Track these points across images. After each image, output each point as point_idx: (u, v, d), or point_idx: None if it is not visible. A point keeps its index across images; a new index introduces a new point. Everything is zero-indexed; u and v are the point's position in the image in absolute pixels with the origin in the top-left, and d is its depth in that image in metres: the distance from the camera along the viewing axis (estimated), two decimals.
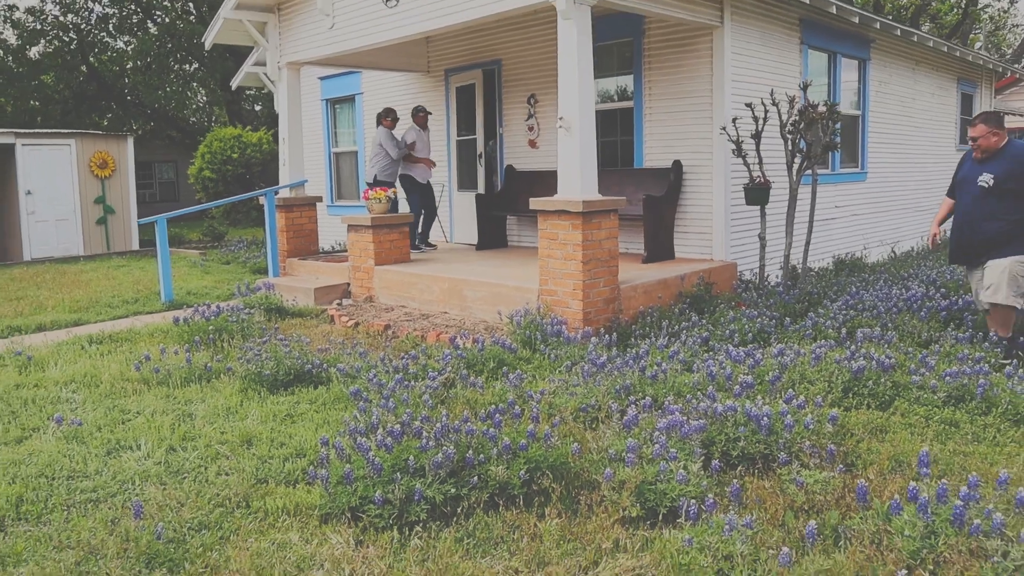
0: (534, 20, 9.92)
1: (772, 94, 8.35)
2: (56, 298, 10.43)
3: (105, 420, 5.18)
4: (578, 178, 7.13)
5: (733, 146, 8.33)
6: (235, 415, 5.24)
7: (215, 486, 4.08)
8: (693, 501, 3.36)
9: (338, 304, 9.34)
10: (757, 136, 8.36)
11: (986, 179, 6.16)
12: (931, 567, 2.98)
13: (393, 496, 3.60)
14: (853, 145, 11.71)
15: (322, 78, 14.13)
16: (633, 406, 4.54)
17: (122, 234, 17.83)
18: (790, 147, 8.42)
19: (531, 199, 7.55)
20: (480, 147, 11.63)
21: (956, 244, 6.52)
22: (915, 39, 12.10)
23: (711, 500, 3.38)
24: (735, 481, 3.65)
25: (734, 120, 8.31)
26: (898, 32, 11.40)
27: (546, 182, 9.35)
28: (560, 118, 7.15)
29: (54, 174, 16.96)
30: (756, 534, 3.22)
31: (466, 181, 12.02)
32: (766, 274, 8.76)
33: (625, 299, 7.50)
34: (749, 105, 8.24)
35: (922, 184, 13.66)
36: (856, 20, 10.09)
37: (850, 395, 5.14)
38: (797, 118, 8.34)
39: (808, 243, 8.91)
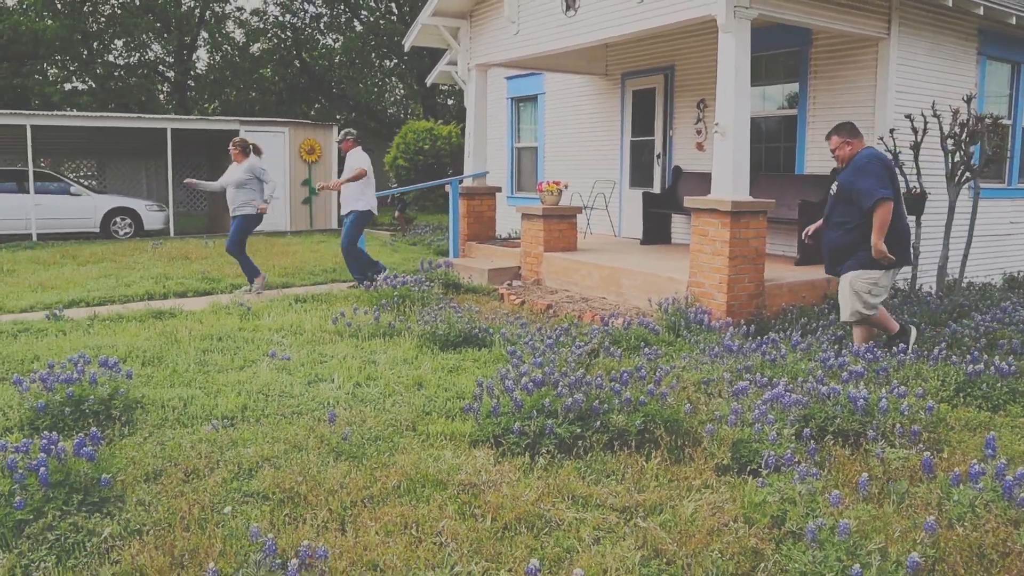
0: (705, 29, 10.43)
1: (933, 106, 8.52)
2: (267, 265, 12.06)
3: (307, 359, 6.36)
4: (730, 180, 7.68)
5: (889, 156, 8.56)
6: (410, 365, 6.27)
7: (390, 413, 5.07)
8: (773, 454, 3.96)
9: (508, 284, 10.31)
10: (916, 147, 8.55)
11: (833, 187, 6.32)
12: (970, 528, 3.45)
13: (529, 429, 4.43)
14: None
15: (508, 78, 15.20)
16: (748, 381, 5.14)
17: (323, 214, 19.78)
18: (950, 159, 8.55)
19: (686, 197, 8.16)
20: (659, 148, 12.24)
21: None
22: None
23: (789, 455, 3.97)
24: (813, 443, 4.20)
25: (891, 131, 8.54)
26: None
27: (710, 183, 9.88)
28: (716, 124, 7.73)
29: (269, 158, 19.00)
30: (825, 486, 3.79)
31: (637, 179, 12.68)
32: (919, 284, 8.92)
33: (770, 296, 7.97)
34: (908, 116, 8.46)
35: None
36: None
37: (962, 395, 5.46)
38: (959, 131, 8.47)
39: (966, 256, 8.99)
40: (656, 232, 11.75)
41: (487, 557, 3.28)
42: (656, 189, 12.22)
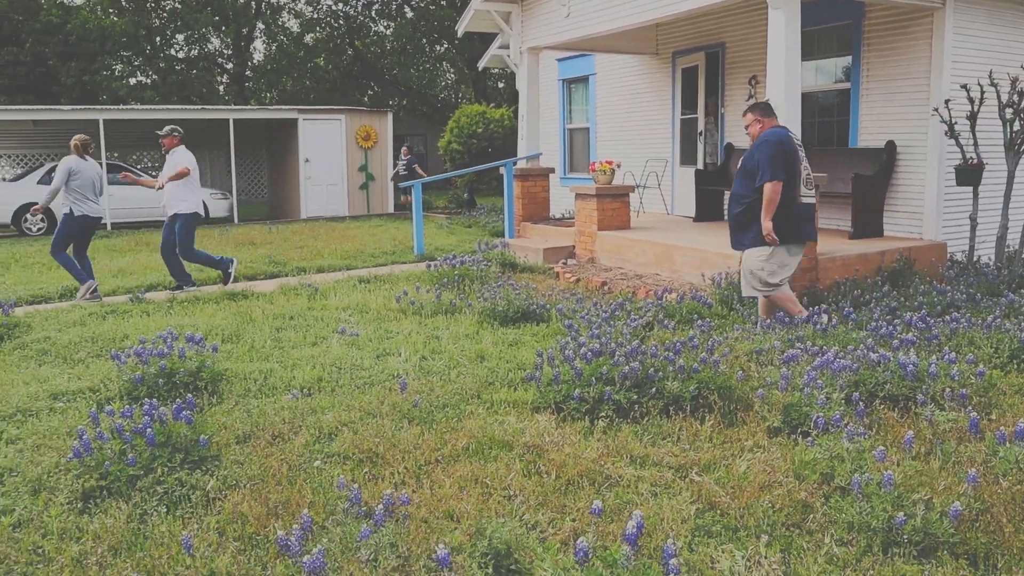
0: (756, 4, 10.47)
1: (991, 75, 8.48)
2: (330, 248, 12.51)
3: (374, 335, 6.71)
4: None
5: (946, 127, 8.55)
6: (472, 339, 6.56)
7: (455, 383, 5.36)
8: (822, 416, 4.15)
9: (563, 263, 10.55)
10: (972, 117, 8.52)
11: (740, 162, 6.58)
12: (1014, 482, 3.61)
13: (588, 395, 4.68)
14: None
15: (559, 60, 15.36)
16: (799, 350, 5.31)
17: (380, 198, 20.21)
18: (1009, 128, 8.51)
19: (736, 172, 8.28)
20: (701, 125, 12.35)
21: None
22: None
23: (838, 417, 4.15)
24: (862, 406, 4.37)
25: (947, 101, 8.52)
26: None
27: None
28: (767, 100, 7.82)
29: (327, 145, 19.50)
30: (872, 445, 3.97)
31: (688, 157, 12.78)
32: (977, 256, 8.91)
33: (822, 269, 8.06)
34: (964, 87, 8.44)
35: None
36: None
37: (1015, 361, 5.53)
38: (1017, 99, 8.42)
39: None
40: (708, 209, 11.84)
41: (552, 508, 3.55)
42: (699, 166, 12.31)
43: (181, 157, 9.45)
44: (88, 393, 5.42)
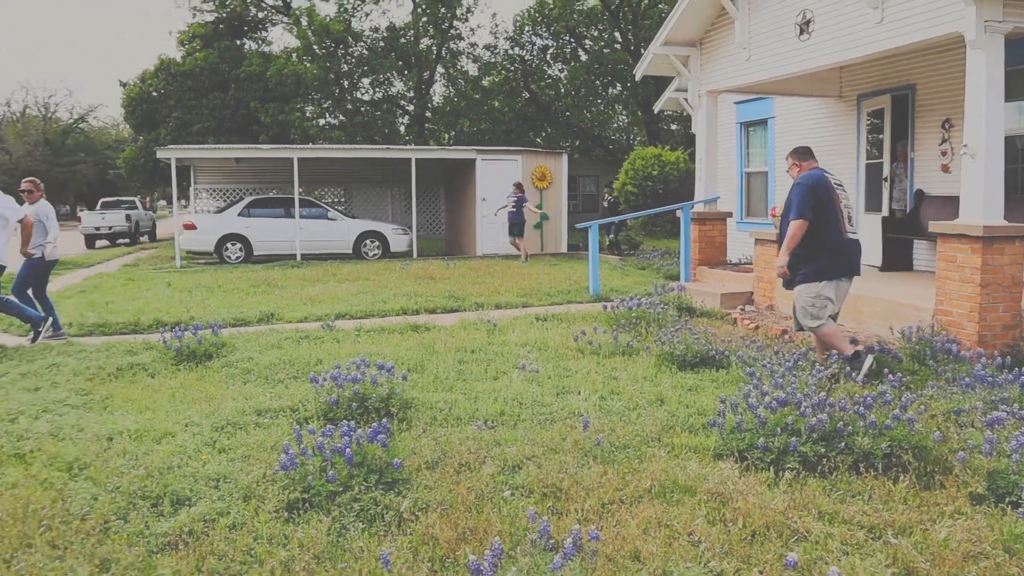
0: (951, 44, 10.01)
1: None
2: (507, 285, 12.85)
3: (553, 372, 6.86)
4: (981, 203, 7.37)
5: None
6: (650, 382, 6.58)
7: (635, 425, 5.40)
8: None
9: (741, 309, 10.36)
10: None
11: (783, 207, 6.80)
12: None
13: (773, 445, 4.59)
14: None
15: (737, 103, 15.20)
16: (1005, 412, 4.99)
17: (554, 238, 20.55)
18: None
19: (931, 222, 7.91)
20: (886, 171, 11.85)
21: None
22: None
23: None
24: None
25: None
26: None
27: (957, 207, 9.44)
28: (964, 144, 7.46)
29: (503, 184, 20.07)
30: None
31: (873, 204, 12.27)
32: None
33: None
34: None
35: None
36: None
37: None
38: None
39: None
40: (896, 258, 11.31)
41: (738, 558, 3.51)
42: (885, 213, 11.78)
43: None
44: (288, 411, 5.84)
